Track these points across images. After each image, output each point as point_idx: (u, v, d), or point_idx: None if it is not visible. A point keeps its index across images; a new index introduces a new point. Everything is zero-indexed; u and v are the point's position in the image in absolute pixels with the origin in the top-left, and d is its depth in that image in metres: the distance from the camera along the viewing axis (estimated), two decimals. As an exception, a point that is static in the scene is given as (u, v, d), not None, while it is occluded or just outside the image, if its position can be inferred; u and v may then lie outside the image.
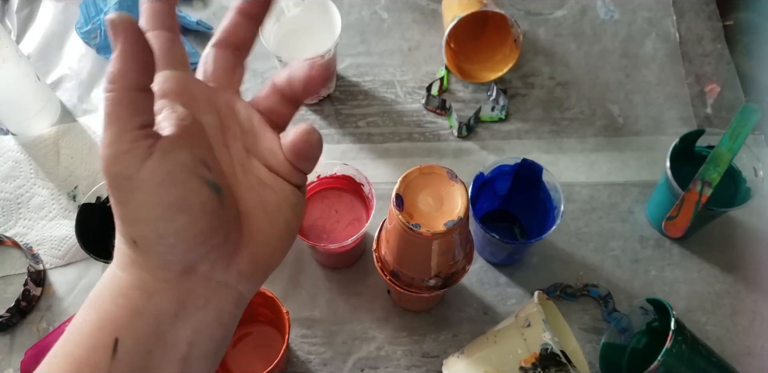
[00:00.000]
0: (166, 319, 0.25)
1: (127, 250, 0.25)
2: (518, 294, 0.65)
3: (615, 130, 0.73)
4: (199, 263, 0.26)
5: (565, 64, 0.76)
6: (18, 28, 0.81)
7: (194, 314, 0.26)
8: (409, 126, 0.73)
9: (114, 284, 0.26)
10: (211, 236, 0.25)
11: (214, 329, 0.27)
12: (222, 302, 0.27)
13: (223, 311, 0.27)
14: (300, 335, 0.64)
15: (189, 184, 0.24)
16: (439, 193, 0.45)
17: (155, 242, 0.25)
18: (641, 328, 0.61)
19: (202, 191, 0.25)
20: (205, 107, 0.28)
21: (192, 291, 0.26)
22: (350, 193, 0.65)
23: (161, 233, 0.24)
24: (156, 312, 0.25)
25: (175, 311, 0.26)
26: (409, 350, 0.63)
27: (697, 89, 0.75)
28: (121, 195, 0.24)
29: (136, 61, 0.23)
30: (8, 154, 0.72)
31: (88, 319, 0.25)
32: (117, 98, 0.23)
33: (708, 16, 0.79)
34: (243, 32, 0.30)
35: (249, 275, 0.27)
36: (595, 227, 0.68)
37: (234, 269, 0.27)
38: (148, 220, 0.24)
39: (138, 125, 0.24)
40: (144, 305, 0.25)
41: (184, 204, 0.24)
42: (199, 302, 0.26)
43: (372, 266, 0.65)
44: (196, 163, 0.25)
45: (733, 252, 0.67)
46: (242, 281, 0.27)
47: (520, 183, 0.62)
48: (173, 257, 0.25)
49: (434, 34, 0.78)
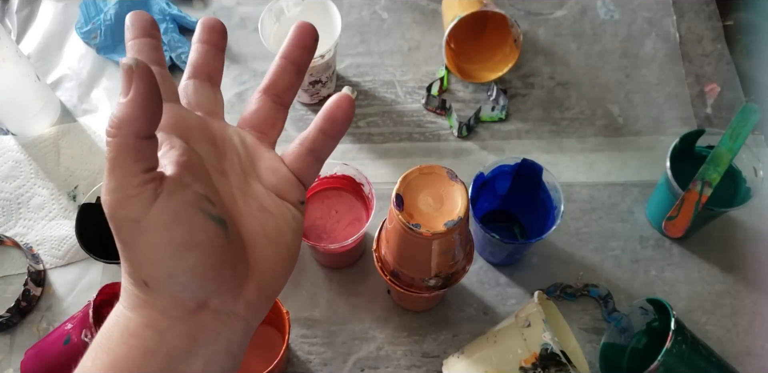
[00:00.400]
0: (179, 355, 0.25)
1: (137, 291, 0.25)
2: (518, 294, 0.65)
3: (615, 130, 0.73)
4: (210, 298, 0.26)
5: (565, 64, 0.76)
6: (18, 28, 0.81)
7: (205, 348, 0.26)
8: (409, 126, 0.73)
9: (123, 325, 0.26)
10: (220, 270, 0.25)
11: (224, 360, 0.27)
12: (232, 333, 0.27)
13: (232, 342, 0.27)
14: (300, 335, 0.64)
15: (195, 221, 0.24)
16: (439, 193, 0.45)
17: (167, 281, 0.25)
18: (641, 328, 0.61)
19: (208, 226, 0.25)
20: (200, 137, 0.28)
21: (203, 326, 0.26)
22: (350, 193, 0.65)
23: (172, 272, 0.24)
24: (168, 350, 0.25)
25: (187, 347, 0.26)
26: (409, 350, 0.63)
27: (697, 89, 0.75)
28: (129, 238, 0.24)
29: (146, 109, 0.23)
30: (8, 154, 0.72)
31: (99, 363, 0.25)
32: (121, 145, 0.23)
33: (708, 16, 0.79)
34: (211, 61, 0.30)
35: (256, 303, 0.28)
36: (595, 227, 0.68)
37: (242, 299, 0.27)
38: (158, 260, 0.24)
39: (143, 170, 0.24)
40: (156, 343, 0.25)
41: (192, 242, 0.24)
42: (210, 336, 0.26)
43: (372, 266, 0.65)
44: (200, 199, 0.25)
45: (733, 252, 0.67)
46: (250, 310, 0.27)
47: (520, 183, 0.62)
48: (185, 294, 0.25)
49: (434, 34, 0.78)
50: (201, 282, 0.25)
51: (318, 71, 0.67)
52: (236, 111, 0.74)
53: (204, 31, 0.30)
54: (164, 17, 0.77)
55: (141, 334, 0.25)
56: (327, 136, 0.29)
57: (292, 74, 0.30)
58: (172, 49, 0.76)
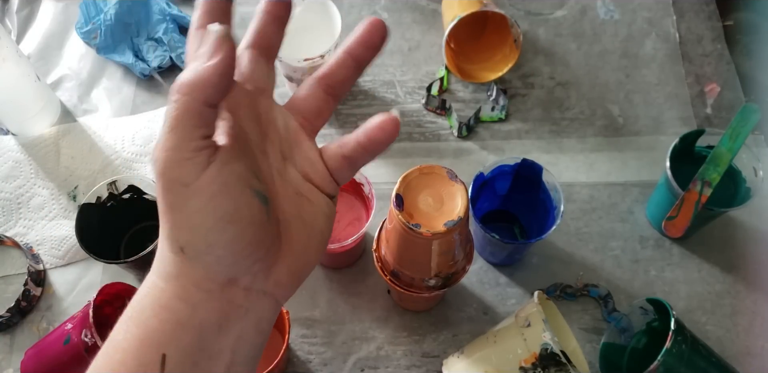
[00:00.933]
0: (210, 330, 0.25)
1: (173, 257, 0.25)
2: (518, 294, 0.65)
3: (615, 130, 0.73)
4: (242, 275, 0.26)
5: (565, 64, 0.76)
6: (18, 28, 0.81)
7: (236, 324, 0.26)
8: (409, 126, 0.73)
9: (156, 296, 0.26)
10: (256, 248, 0.25)
11: (254, 336, 0.27)
12: (261, 310, 0.27)
13: (262, 319, 0.27)
14: (300, 335, 0.64)
15: (243, 196, 0.24)
16: (439, 193, 0.45)
17: (204, 251, 0.25)
18: (641, 328, 0.61)
19: (254, 203, 0.25)
20: (247, 113, 0.28)
21: (233, 302, 0.26)
22: (350, 193, 0.65)
23: (211, 243, 0.24)
24: (200, 324, 0.25)
25: (218, 321, 0.26)
26: (409, 350, 0.63)
27: (697, 89, 0.75)
28: (175, 200, 0.24)
29: (223, 78, 0.23)
30: (8, 154, 0.72)
31: (129, 336, 0.25)
32: (188, 108, 0.23)
33: (708, 16, 0.79)
34: (272, 34, 0.29)
35: (286, 284, 0.28)
36: (595, 227, 0.68)
37: (272, 279, 0.27)
38: (199, 228, 0.24)
39: (201, 136, 0.24)
40: (188, 317, 0.25)
41: (235, 216, 0.24)
42: (240, 313, 0.26)
43: (372, 266, 0.65)
44: (249, 174, 0.25)
45: (733, 252, 0.67)
46: (279, 289, 0.27)
47: (520, 183, 0.62)
48: (219, 268, 0.25)
49: (434, 34, 0.78)
50: (236, 257, 0.25)
51: (318, 71, 0.67)
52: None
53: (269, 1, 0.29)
54: (164, 17, 0.77)
55: (173, 306, 0.25)
56: (365, 151, 0.29)
57: (351, 69, 0.30)
58: (172, 49, 0.76)
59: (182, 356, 0.25)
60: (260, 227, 0.25)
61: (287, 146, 0.29)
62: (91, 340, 0.53)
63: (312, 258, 0.29)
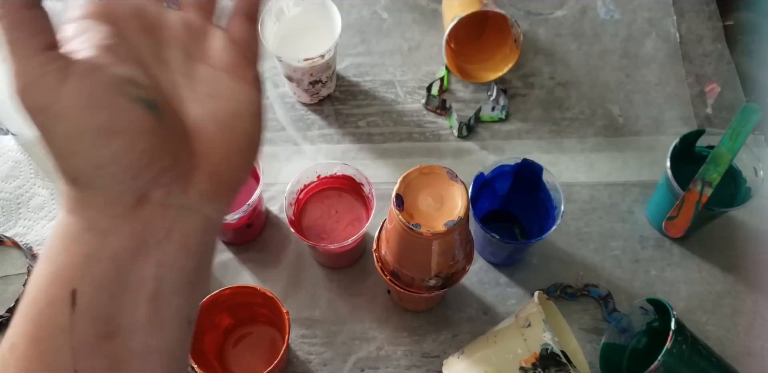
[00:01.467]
0: (126, 258, 0.24)
1: (71, 190, 0.24)
2: (518, 294, 0.65)
3: (615, 130, 0.73)
4: (151, 190, 0.24)
5: (565, 64, 0.76)
6: (18, 28, 0.81)
7: (157, 248, 0.24)
8: (409, 126, 0.73)
9: (64, 231, 0.24)
10: (156, 158, 0.23)
11: (182, 259, 0.25)
12: (186, 228, 0.25)
13: (189, 238, 0.25)
14: (300, 335, 0.64)
15: (116, 104, 0.22)
16: (439, 193, 0.45)
17: (95, 173, 0.23)
18: (641, 328, 0.61)
19: (132, 109, 0.23)
20: (133, 25, 0.26)
21: (150, 222, 0.24)
22: (350, 193, 0.65)
23: (99, 163, 0.22)
24: (113, 253, 0.23)
25: (134, 247, 0.24)
26: (409, 350, 0.63)
27: (697, 89, 0.75)
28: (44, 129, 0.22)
29: None
30: (8, 154, 0.72)
31: (41, 273, 0.24)
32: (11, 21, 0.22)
33: (708, 16, 0.79)
34: None
35: (212, 194, 0.26)
36: (595, 227, 0.68)
37: (193, 190, 0.25)
38: (80, 150, 0.22)
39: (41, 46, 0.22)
40: (99, 247, 0.23)
41: (114, 127, 0.22)
42: (159, 234, 0.24)
43: (372, 266, 0.65)
44: (122, 81, 0.23)
45: (733, 252, 0.67)
46: (205, 202, 0.25)
47: (520, 183, 0.62)
48: (119, 186, 0.23)
49: (434, 34, 0.78)
50: (133, 171, 0.23)
51: (318, 71, 0.67)
52: (236, 111, 0.74)
53: None
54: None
55: (82, 238, 0.23)
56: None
57: None
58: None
59: (96, 289, 0.23)
60: (153, 135, 0.23)
61: (193, 45, 0.27)
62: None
63: (238, 163, 0.27)
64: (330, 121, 0.74)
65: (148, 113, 0.23)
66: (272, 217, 0.69)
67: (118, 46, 0.24)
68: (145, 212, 0.24)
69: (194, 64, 0.27)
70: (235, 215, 0.59)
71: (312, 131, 0.73)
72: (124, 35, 0.25)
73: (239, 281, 0.66)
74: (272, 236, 0.68)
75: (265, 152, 0.72)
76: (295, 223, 0.60)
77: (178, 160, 0.24)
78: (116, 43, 0.24)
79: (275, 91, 0.75)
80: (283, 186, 0.67)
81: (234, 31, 0.28)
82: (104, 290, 0.23)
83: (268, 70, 0.76)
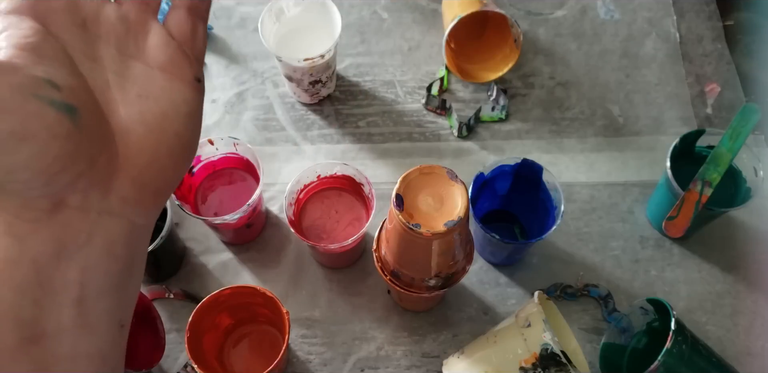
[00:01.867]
0: (47, 262, 0.23)
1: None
2: (518, 294, 0.65)
3: (615, 130, 0.73)
4: (68, 195, 0.23)
5: (565, 64, 0.76)
6: (18, 28, 0.81)
7: (78, 252, 0.24)
8: (409, 126, 0.73)
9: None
10: (70, 163, 0.23)
11: (107, 263, 0.25)
12: (109, 233, 0.24)
13: (113, 242, 0.25)
14: (300, 335, 0.64)
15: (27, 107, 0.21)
16: (439, 193, 0.45)
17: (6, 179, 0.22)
18: (641, 328, 0.61)
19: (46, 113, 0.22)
20: (64, 19, 0.25)
21: (69, 227, 0.24)
22: (350, 193, 0.65)
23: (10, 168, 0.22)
24: (33, 257, 0.23)
25: (54, 251, 0.23)
26: (409, 350, 0.63)
27: (697, 89, 0.75)
28: None
29: None
30: None
31: None
32: None
33: (708, 16, 0.79)
34: None
35: (136, 199, 0.25)
36: (596, 227, 0.68)
37: (114, 195, 0.24)
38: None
39: None
40: (18, 252, 0.23)
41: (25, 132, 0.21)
42: (80, 238, 0.24)
43: (372, 266, 0.65)
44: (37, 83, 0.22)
45: (733, 252, 0.67)
46: (129, 207, 0.25)
47: (520, 183, 0.62)
48: (33, 192, 0.23)
49: (434, 34, 0.78)
50: (46, 176, 0.22)
51: (318, 71, 0.67)
52: (236, 111, 0.74)
53: None
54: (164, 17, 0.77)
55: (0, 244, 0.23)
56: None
57: None
58: (172, 49, 0.76)
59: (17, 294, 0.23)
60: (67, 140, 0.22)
61: (131, 41, 0.26)
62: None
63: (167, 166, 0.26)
64: (330, 121, 0.74)
65: (64, 117, 0.22)
66: (272, 217, 0.69)
67: (41, 44, 0.23)
68: (63, 217, 0.23)
69: (129, 61, 0.26)
70: (235, 215, 0.59)
71: (312, 131, 0.73)
72: (53, 31, 0.24)
73: (239, 281, 0.66)
74: (272, 236, 0.68)
75: (265, 152, 0.72)
76: (295, 223, 0.60)
77: (96, 165, 0.24)
78: (40, 40, 0.23)
79: (275, 91, 0.75)
80: (283, 186, 0.67)
81: (172, 26, 0.27)
82: (26, 294, 0.23)
83: (268, 71, 0.76)
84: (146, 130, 0.25)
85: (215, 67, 0.77)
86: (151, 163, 0.25)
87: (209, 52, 0.77)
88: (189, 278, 0.67)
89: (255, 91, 0.75)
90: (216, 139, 0.62)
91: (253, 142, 0.72)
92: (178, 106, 0.26)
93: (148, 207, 0.26)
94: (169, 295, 0.65)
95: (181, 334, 0.61)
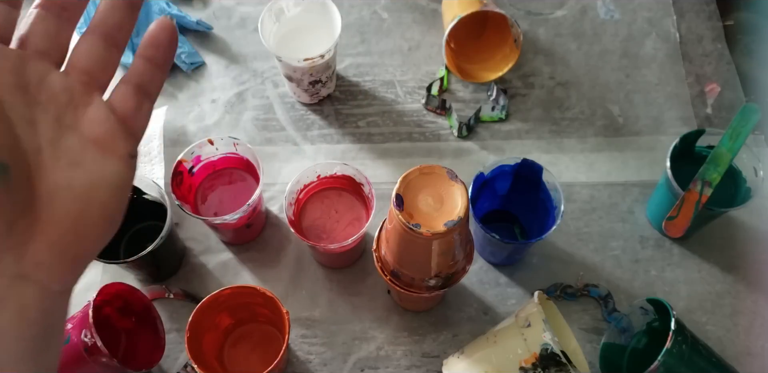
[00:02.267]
0: None
1: None
2: (518, 294, 0.65)
3: (615, 130, 0.73)
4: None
5: (565, 64, 0.76)
6: (18, 28, 0.81)
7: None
8: (409, 126, 0.73)
9: None
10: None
11: (20, 328, 0.24)
12: (22, 297, 0.24)
13: (26, 307, 0.24)
14: (300, 335, 0.64)
15: None
16: (439, 193, 0.45)
17: None
18: (641, 328, 0.61)
19: None
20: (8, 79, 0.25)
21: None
22: (350, 193, 0.65)
23: None
24: None
25: None
26: (409, 350, 0.63)
27: (697, 89, 0.75)
28: None
29: None
30: None
31: None
32: None
33: (708, 16, 0.79)
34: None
35: (52, 265, 0.25)
36: (595, 227, 0.68)
37: (29, 260, 0.24)
38: None
39: None
40: None
41: None
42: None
43: (372, 266, 0.65)
44: None
45: (733, 252, 0.67)
46: (44, 272, 0.24)
47: (520, 183, 0.62)
48: None
49: (434, 34, 0.78)
50: None
51: (318, 71, 0.67)
52: (236, 111, 0.74)
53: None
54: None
55: None
56: (153, 65, 0.27)
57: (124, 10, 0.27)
58: (172, 49, 0.76)
59: None
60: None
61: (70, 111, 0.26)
62: (91, 340, 0.53)
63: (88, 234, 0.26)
64: (330, 121, 0.74)
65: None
66: (272, 217, 0.69)
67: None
68: None
69: (64, 130, 0.25)
70: (235, 215, 0.59)
71: (312, 131, 0.73)
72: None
73: (239, 281, 0.66)
74: (272, 236, 0.68)
75: (265, 152, 0.72)
76: (295, 223, 0.60)
77: (13, 229, 0.23)
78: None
79: (275, 91, 0.75)
80: (283, 186, 0.67)
81: (117, 101, 0.27)
82: None
83: (268, 71, 0.76)
84: (72, 198, 0.25)
85: (215, 67, 0.77)
86: (72, 230, 0.25)
87: (210, 52, 0.77)
88: (189, 278, 0.67)
89: (255, 91, 0.75)
90: (216, 139, 0.62)
91: (253, 142, 0.72)
92: (108, 178, 0.26)
93: (64, 273, 0.25)
94: (169, 295, 0.65)
95: (181, 334, 0.61)
